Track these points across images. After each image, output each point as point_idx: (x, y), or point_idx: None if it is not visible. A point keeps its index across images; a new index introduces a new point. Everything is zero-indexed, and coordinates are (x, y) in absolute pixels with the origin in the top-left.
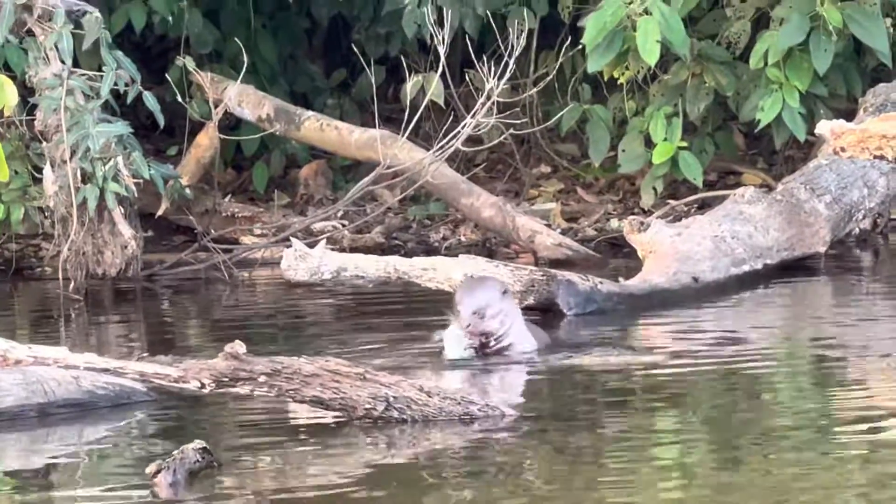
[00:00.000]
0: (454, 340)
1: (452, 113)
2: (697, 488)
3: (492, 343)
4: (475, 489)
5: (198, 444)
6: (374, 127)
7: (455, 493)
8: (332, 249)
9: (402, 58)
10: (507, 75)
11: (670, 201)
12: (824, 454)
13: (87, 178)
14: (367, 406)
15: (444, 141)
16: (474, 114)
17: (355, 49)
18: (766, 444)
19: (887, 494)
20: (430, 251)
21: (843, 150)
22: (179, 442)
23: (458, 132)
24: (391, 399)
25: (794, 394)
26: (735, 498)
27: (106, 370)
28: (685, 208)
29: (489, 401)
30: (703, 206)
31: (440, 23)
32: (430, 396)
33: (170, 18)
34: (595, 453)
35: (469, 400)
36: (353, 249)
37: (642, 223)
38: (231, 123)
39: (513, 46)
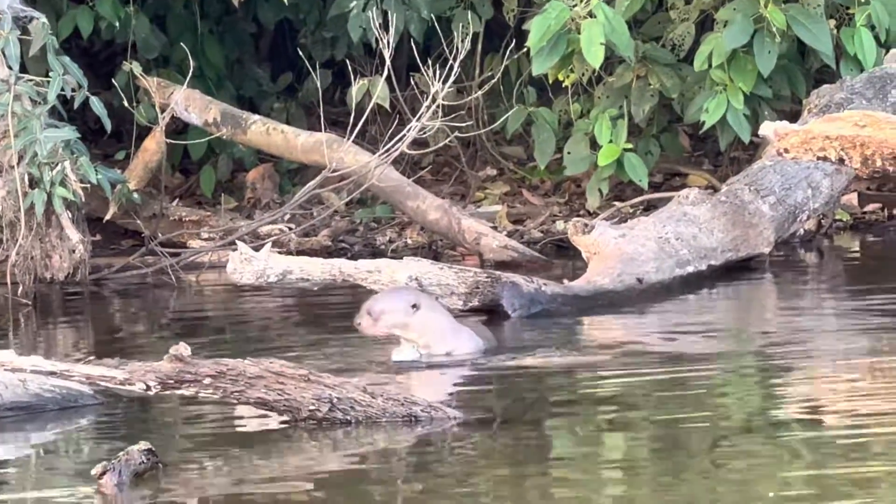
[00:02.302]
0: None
1: (398, 116)
2: (645, 487)
3: (419, 351)
4: (421, 490)
5: (143, 445)
6: (321, 130)
7: (401, 493)
8: (280, 252)
9: (348, 62)
10: (453, 78)
11: (616, 203)
12: (769, 450)
13: (34, 182)
14: (312, 407)
15: (390, 144)
16: (420, 117)
17: (301, 53)
18: (711, 443)
19: (831, 488)
20: (377, 254)
21: (786, 151)
22: (125, 444)
23: (404, 135)
24: (335, 400)
25: (739, 392)
26: (682, 496)
27: (53, 373)
28: (631, 210)
29: (433, 402)
30: (649, 207)
31: (385, 26)
32: (373, 398)
33: (116, 24)
34: (540, 453)
35: (412, 401)
36: (300, 252)
37: (586, 225)
38: (178, 128)
39: (458, 50)
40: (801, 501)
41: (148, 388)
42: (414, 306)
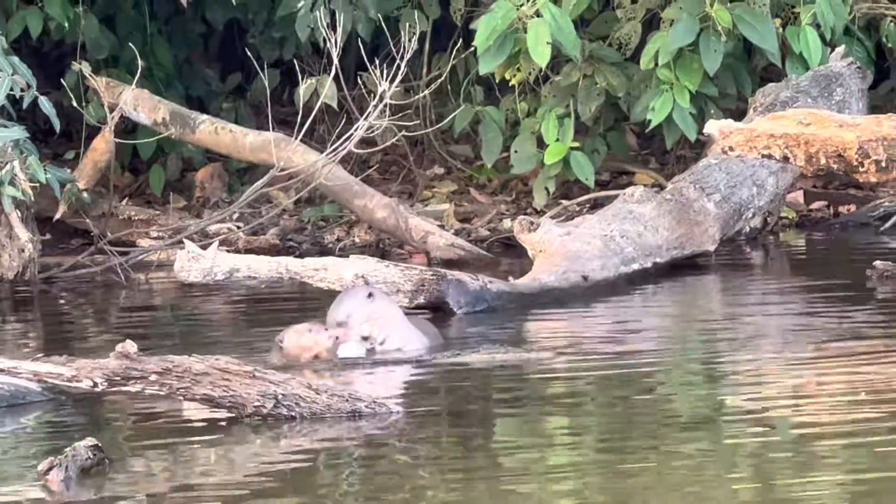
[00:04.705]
0: (345, 352)
1: (346, 115)
2: (592, 482)
3: (376, 347)
4: (367, 485)
5: (89, 441)
6: (269, 130)
7: (347, 488)
8: (228, 251)
9: (296, 61)
10: (400, 78)
11: (563, 201)
12: (716, 446)
13: None
14: (257, 403)
15: (338, 143)
16: (367, 116)
17: (250, 53)
18: (658, 438)
19: (777, 483)
20: (325, 252)
21: (731, 149)
22: (73, 440)
23: (352, 134)
24: (280, 396)
25: (685, 388)
26: (629, 491)
27: (0, 370)
28: (577, 208)
29: (377, 398)
30: (596, 205)
31: (333, 26)
32: (318, 394)
33: (66, 24)
34: (487, 448)
35: (357, 397)
36: (249, 251)
37: (532, 223)
38: (128, 127)
39: (405, 49)
40: (752, 492)
41: (95, 384)
42: (370, 295)
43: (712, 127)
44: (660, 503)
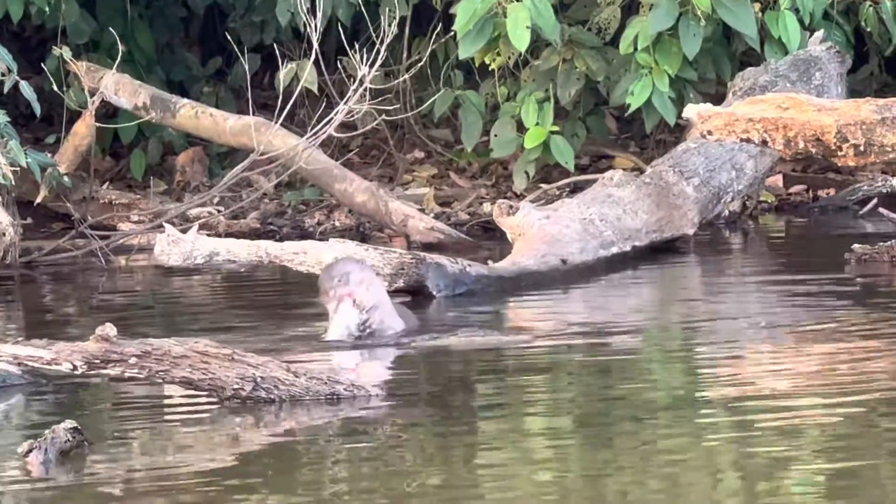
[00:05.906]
0: (337, 323)
1: (326, 99)
2: (572, 466)
3: (367, 318)
4: (345, 467)
5: (68, 423)
6: (250, 114)
7: (326, 470)
8: (209, 235)
9: (277, 46)
10: (380, 62)
11: (543, 185)
12: (695, 430)
13: None
14: (236, 386)
15: (318, 127)
16: (347, 100)
17: (230, 37)
18: (636, 421)
19: (755, 468)
20: (305, 236)
21: (709, 133)
22: (52, 422)
23: (331, 118)
24: (259, 379)
25: (664, 371)
26: (609, 476)
27: None
28: (557, 192)
29: (355, 380)
30: (576, 189)
31: (313, 11)
32: (297, 377)
33: (47, 9)
34: (464, 432)
35: (335, 380)
36: (229, 235)
37: (511, 206)
38: (109, 112)
39: (385, 33)
40: (730, 473)
41: (74, 367)
42: (360, 261)
43: (691, 111)
44: (638, 487)
